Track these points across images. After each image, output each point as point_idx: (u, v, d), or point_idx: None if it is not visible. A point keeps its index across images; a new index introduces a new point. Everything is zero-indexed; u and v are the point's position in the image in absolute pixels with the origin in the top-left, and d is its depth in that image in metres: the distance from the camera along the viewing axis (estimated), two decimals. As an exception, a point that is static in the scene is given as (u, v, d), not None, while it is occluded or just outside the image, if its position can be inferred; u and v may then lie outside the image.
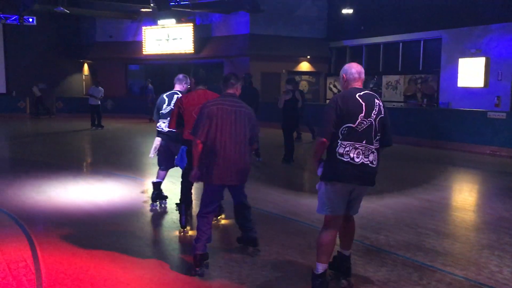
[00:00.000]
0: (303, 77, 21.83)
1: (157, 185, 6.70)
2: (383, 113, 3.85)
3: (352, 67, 3.97)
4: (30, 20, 22.42)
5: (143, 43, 22.98)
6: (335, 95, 3.92)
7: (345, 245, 4.20)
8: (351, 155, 3.75)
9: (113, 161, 11.07)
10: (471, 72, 15.87)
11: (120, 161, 11.02)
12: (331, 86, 21.34)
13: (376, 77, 19.46)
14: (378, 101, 3.86)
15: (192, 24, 21.88)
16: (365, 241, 5.23)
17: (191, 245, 4.56)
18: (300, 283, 4.22)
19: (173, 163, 6.15)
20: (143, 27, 23.06)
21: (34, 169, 9.79)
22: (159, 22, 22.48)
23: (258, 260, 4.70)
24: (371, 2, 19.13)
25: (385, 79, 19.05)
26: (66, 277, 4.27)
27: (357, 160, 3.75)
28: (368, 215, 6.13)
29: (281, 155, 10.59)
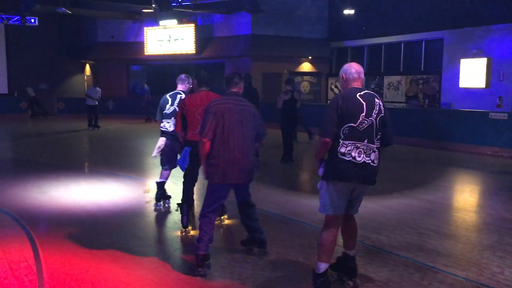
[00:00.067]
0: (305, 77, 21.83)
1: (161, 185, 6.72)
2: (383, 112, 3.88)
3: (352, 67, 3.99)
4: (32, 20, 22.53)
5: (144, 44, 23.02)
6: (335, 95, 3.93)
7: (348, 245, 4.19)
8: (353, 154, 3.77)
9: (114, 161, 11.09)
10: (472, 73, 15.87)
11: (122, 161, 11.03)
12: (333, 86, 21.33)
13: (377, 77, 19.45)
14: (378, 101, 3.89)
15: (193, 25, 21.91)
16: (366, 242, 5.22)
17: (192, 245, 4.56)
18: (301, 283, 4.22)
19: (176, 163, 6.17)
20: (145, 28, 23.09)
21: (35, 169, 9.81)
22: (160, 22, 22.50)
23: (259, 260, 4.71)
24: (373, 3, 19.13)
25: (386, 79, 19.05)
26: (68, 277, 4.27)
27: (358, 159, 3.77)
28: (369, 216, 6.13)
29: (280, 155, 10.63)
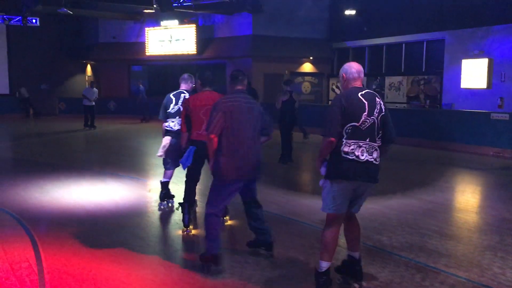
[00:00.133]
0: (306, 78, 21.82)
1: (165, 185, 6.76)
2: (384, 111, 3.92)
3: (352, 66, 4.01)
4: (34, 21, 22.54)
5: (146, 44, 23.02)
6: (338, 94, 3.95)
7: (352, 246, 4.16)
8: (356, 153, 3.80)
9: (114, 161, 11.09)
10: (474, 73, 15.85)
11: (122, 161, 11.03)
12: (334, 87, 21.32)
13: (379, 78, 19.44)
14: (378, 100, 3.93)
15: (194, 25, 21.91)
16: (367, 242, 5.22)
17: (203, 245, 4.57)
18: (302, 283, 4.22)
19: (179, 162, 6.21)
20: (146, 28, 23.10)
21: (36, 169, 9.82)
22: (162, 23, 22.51)
23: (260, 260, 4.70)
24: (374, 3, 19.12)
25: (388, 80, 19.04)
26: (69, 277, 4.28)
27: (362, 158, 3.81)
28: (371, 216, 6.12)
29: (279, 155, 10.63)
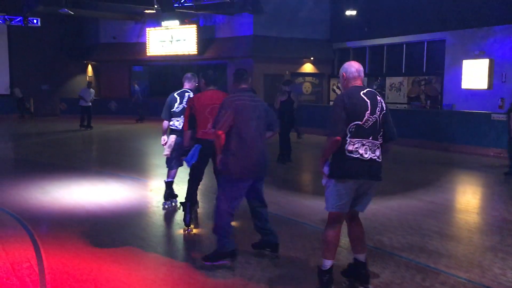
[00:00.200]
0: (306, 78, 21.83)
1: (169, 184, 6.82)
2: (385, 109, 3.96)
3: (352, 65, 4.04)
4: (35, 21, 22.58)
5: (146, 45, 23.03)
6: (340, 94, 3.96)
7: (357, 249, 4.13)
8: (360, 151, 3.83)
9: (115, 161, 11.10)
10: (475, 74, 15.85)
11: (122, 161, 11.03)
12: (334, 87, 21.33)
13: (379, 78, 19.45)
14: (379, 98, 3.97)
15: (195, 26, 21.91)
16: (368, 243, 5.18)
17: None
18: (303, 283, 4.22)
19: (182, 161, 6.34)
20: (147, 29, 23.10)
21: (37, 169, 9.84)
22: (162, 23, 22.49)
23: (261, 260, 4.71)
24: (374, 4, 19.11)
25: (388, 80, 19.04)
26: (70, 277, 4.29)
27: (366, 156, 3.85)
28: (371, 217, 6.12)
29: (277, 155, 10.64)
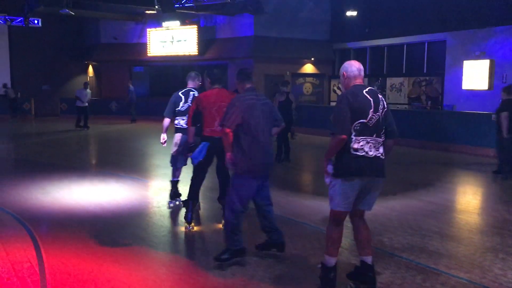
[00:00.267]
0: (307, 79, 21.84)
1: (175, 183, 6.89)
2: (386, 106, 4.00)
3: (352, 64, 4.06)
4: (35, 22, 22.61)
5: (147, 45, 23.04)
6: (343, 92, 3.97)
7: (365, 251, 4.09)
8: (365, 149, 3.86)
9: (115, 161, 11.10)
10: (475, 75, 15.84)
11: (123, 161, 11.03)
12: (335, 88, 21.32)
13: (380, 79, 19.44)
14: (381, 96, 4.01)
15: (196, 26, 21.92)
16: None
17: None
18: (304, 283, 4.23)
19: (187, 160, 6.51)
20: (148, 29, 23.12)
21: (37, 169, 9.84)
22: (163, 24, 22.52)
23: (262, 261, 4.71)
24: (375, 4, 19.12)
25: (389, 81, 19.04)
26: (70, 277, 4.29)
27: (370, 153, 3.88)
28: (372, 217, 6.10)
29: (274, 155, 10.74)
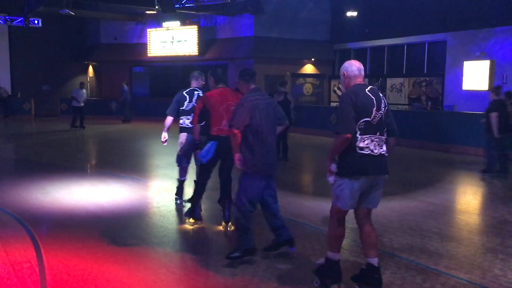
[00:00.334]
0: (307, 79, 21.84)
1: (182, 182, 6.96)
2: (386, 105, 4.06)
3: (353, 64, 4.09)
4: (36, 22, 22.61)
5: (147, 45, 23.06)
6: (345, 92, 3.99)
7: (371, 252, 4.07)
8: (371, 147, 3.90)
9: (115, 162, 11.10)
10: (475, 75, 15.84)
11: (123, 162, 11.03)
12: (335, 88, 21.33)
13: (380, 79, 19.44)
14: (381, 94, 4.08)
15: (196, 26, 21.93)
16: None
17: (244, 242, 4.67)
18: (304, 283, 4.23)
19: (191, 158, 6.61)
20: (148, 29, 23.13)
21: (37, 169, 9.84)
22: (163, 24, 22.53)
23: (262, 261, 4.71)
24: (375, 5, 19.12)
25: (389, 81, 19.04)
26: (70, 278, 4.29)
27: (375, 151, 3.92)
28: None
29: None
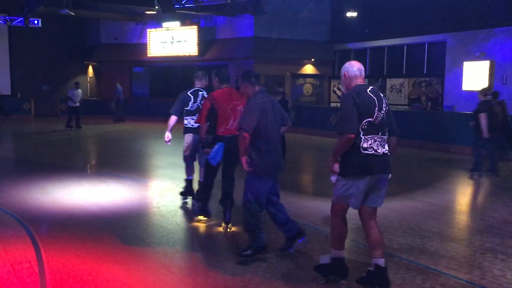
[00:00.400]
0: (307, 79, 21.84)
1: (190, 182, 7.05)
2: (387, 105, 4.11)
3: (353, 64, 4.12)
4: (36, 22, 22.61)
5: (147, 45, 23.05)
6: (347, 93, 4.01)
7: (377, 253, 4.03)
8: (374, 147, 3.93)
9: (115, 162, 11.10)
10: (475, 76, 15.84)
11: (123, 162, 11.03)
12: (335, 89, 21.33)
13: (380, 80, 19.45)
14: (382, 95, 4.13)
15: (196, 27, 21.93)
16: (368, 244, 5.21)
17: (256, 239, 4.73)
18: (305, 284, 4.23)
19: (195, 157, 6.70)
20: (148, 30, 23.13)
21: (37, 169, 9.84)
22: (163, 24, 22.53)
23: (262, 262, 4.71)
24: (375, 5, 19.12)
25: (389, 82, 19.04)
26: (70, 278, 4.29)
27: (379, 151, 3.96)
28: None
29: None
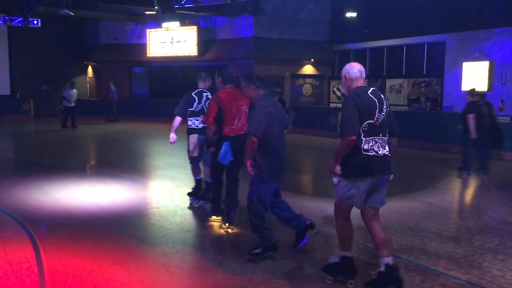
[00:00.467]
0: (307, 80, 21.84)
1: (199, 182, 7.06)
2: (388, 106, 4.11)
3: (354, 66, 4.13)
4: (35, 22, 22.62)
5: (147, 46, 23.05)
6: (348, 94, 4.02)
7: (385, 251, 4.00)
8: (375, 149, 3.95)
9: (115, 162, 11.10)
10: (475, 76, 15.83)
11: (123, 162, 11.04)
12: (335, 89, 21.34)
13: (379, 80, 19.45)
14: (382, 96, 4.12)
15: (196, 27, 21.93)
16: (368, 244, 5.22)
17: (263, 240, 4.76)
18: (305, 284, 4.23)
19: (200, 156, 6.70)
20: (147, 30, 23.13)
21: (37, 170, 9.84)
22: (163, 24, 22.52)
23: (262, 262, 4.71)
24: (375, 6, 19.13)
25: (389, 82, 19.05)
26: (69, 278, 4.29)
27: (380, 152, 3.97)
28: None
29: None
